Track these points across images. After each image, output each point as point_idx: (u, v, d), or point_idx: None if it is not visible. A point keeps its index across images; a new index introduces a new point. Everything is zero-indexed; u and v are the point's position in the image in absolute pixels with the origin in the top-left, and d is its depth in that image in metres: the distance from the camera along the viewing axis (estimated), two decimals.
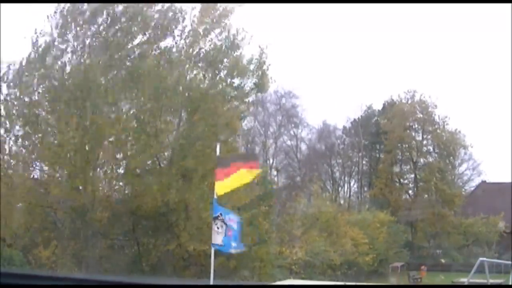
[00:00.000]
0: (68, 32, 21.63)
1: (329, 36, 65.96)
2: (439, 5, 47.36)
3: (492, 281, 21.67)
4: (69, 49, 21.85)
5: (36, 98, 21.78)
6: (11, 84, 21.39)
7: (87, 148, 20.97)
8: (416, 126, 48.96)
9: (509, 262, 24.20)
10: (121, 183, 23.64)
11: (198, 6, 22.81)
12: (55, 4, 21.52)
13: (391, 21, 65.90)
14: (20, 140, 21.55)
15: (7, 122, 21.09)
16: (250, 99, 24.75)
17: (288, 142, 52.67)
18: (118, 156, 22.29)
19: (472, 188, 51.07)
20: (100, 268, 21.23)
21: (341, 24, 68.02)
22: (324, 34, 65.09)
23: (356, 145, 52.77)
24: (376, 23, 68.07)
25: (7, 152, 21.45)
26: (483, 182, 50.43)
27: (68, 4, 21.62)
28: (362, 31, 68.14)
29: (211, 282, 13.18)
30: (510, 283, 21.38)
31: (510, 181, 41.59)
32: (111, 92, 21.19)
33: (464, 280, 24.19)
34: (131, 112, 22.69)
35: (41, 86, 21.72)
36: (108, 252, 23.26)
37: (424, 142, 49.26)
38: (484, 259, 21.55)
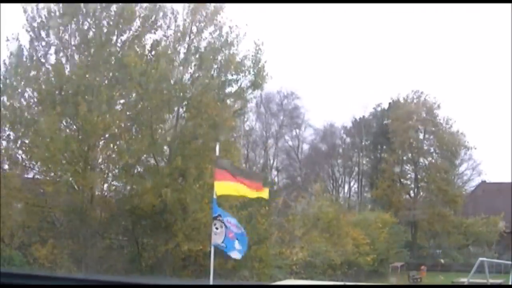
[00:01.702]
0: (55, 31, 21.58)
1: (332, 36, 66.07)
2: (440, 5, 47.41)
3: (492, 281, 21.70)
4: (55, 48, 21.83)
5: (25, 101, 21.76)
6: (2, 86, 21.40)
7: (83, 148, 20.96)
8: (419, 126, 48.88)
9: (509, 262, 24.20)
10: (118, 183, 23.63)
11: (189, 6, 22.86)
12: (40, 4, 21.49)
13: (395, 22, 65.97)
14: (15, 141, 21.58)
15: (1, 125, 21.10)
16: (247, 96, 24.63)
17: (290, 142, 52.80)
18: (113, 154, 22.30)
19: (472, 188, 51.03)
20: (98, 268, 21.23)
21: (344, 25, 68.06)
22: (327, 35, 65.22)
23: (357, 145, 52.77)
24: (380, 24, 68.16)
25: (3, 153, 21.47)
26: (483, 182, 50.40)
27: (52, 4, 21.57)
28: (365, 32, 68.29)
29: (211, 282, 13.20)
30: (510, 283, 21.39)
31: (510, 181, 41.60)
32: (103, 89, 21.17)
33: (464, 280, 24.23)
34: (124, 109, 22.68)
35: (31, 87, 21.68)
36: (106, 251, 23.26)
37: (426, 142, 49.20)
38: (484, 259, 21.56)
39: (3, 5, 20.15)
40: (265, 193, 14.49)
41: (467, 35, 64.24)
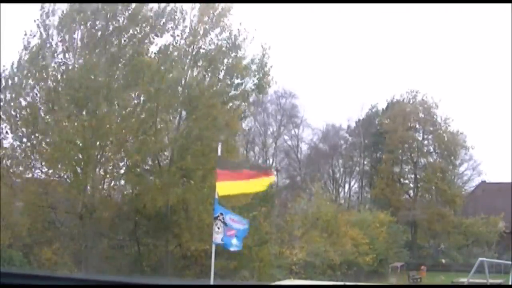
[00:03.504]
0: (65, 31, 21.58)
1: (330, 36, 66.03)
2: (440, 5, 47.42)
3: (491, 281, 21.71)
4: (65, 48, 21.82)
5: (34, 98, 21.75)
6: (9, 85, 21.39)
7: (87, 148, 20.95)
8: (418, 126, 48.90)
9: (509, 262, 24.20)
10: (121, 183, 23.64)
11: (197, 5, 22.81)
12: (52, 4, 21.51)
13: (393, 22, 66.01)
14: (20, 140, 21.55)
15: (7, 123, 21.06)
16: (251, 99, 24.68)
17: (289, 142, 52.74)
18: (118, 155, 22.29)
19: (472, 188, 51.02)
20: (100, 268, 21.23)
21: (342, 24, 68.09)
22: (325, 34, 65.15)
23: (358, 145, 52.73)
24: (378, 24, 68.17)
25: (7, 152, 21.43)
26: (483, 182, 50.36)
27: (65, 4, 21.62)
28: (364, 32, 68.26)
29: (211, 282, 13.21)
30: (510, 283, 21.39)
31: (510, 181, 41.58)
32: (110, 90, 21.16)
33: (464, 280, 24.22)
34: (130, 111, 22.67)
35: (38, 86, 21.65)
36: (109, 252, 23.26)
37: (425, 142, 49.21)
38: (484, 259, 21.58)
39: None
40: (272, 179, 14.42)
41: (467, 34, 64.24)
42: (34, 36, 21.32)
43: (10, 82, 21.38)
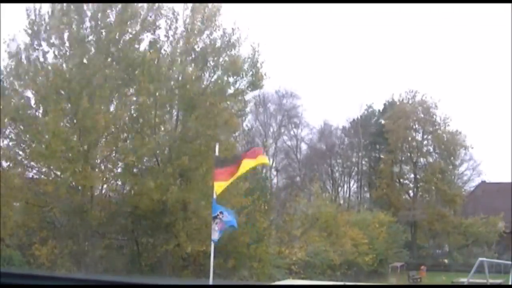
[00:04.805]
0: (54, 31, 21.49)
1: (330, 36, 66.11)
2: (440, 5, 47.46)
3: (491, 281, 21.71)
4: (55, 48, 21.74)
5: (29, 98, 21.71)
6: (2, 84, 21.35)
7: (84, 147, 20.91)
8: (417, 126, 48.90)
9: (509, 262, 24.19)
10: (119, 182, 23.63)
11: (189, 6, 22.91)
12: (42, 4, 21.45)
13: (392, 21, 66.04)
14: (15, 140, 21.50)
15: (1, 123, 21.00)
16: (246, 97, 24.74)
17: (288, 142, 52.74)
18: (115, 154, 22.27)
19: (472, 188, 51.02)
20: (98, 268, 21.19)
21: (342, 24, 68.13)
22: (325, 34, 65.23)
23: (356, 145, 52.74)
24: (377, 23, 68.21)
25: (3, 152, 21.38)
26: (483, 182, 50.38)
27: (53, 4, 21.52)
28: (363, 32, 68.32)
29: (211, 282, 13.23)
30: (509, 283, 21.40)
31: (510, 181, 41.61)
32: (106, 89, 21.13)
33: (464, 280, 24.22)
34: (125, 108, 22.66)
35: (33, 84, 21.59)
36: (107, 251, 23.19)
37: (425, 142, 49.21)
38: (484, 259, 21.57)
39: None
40: (264, 159, 14.55)
41: (467, 33, 64.36)
42: (13, 40, 21.30)
43: (6, 81, 21.36)
